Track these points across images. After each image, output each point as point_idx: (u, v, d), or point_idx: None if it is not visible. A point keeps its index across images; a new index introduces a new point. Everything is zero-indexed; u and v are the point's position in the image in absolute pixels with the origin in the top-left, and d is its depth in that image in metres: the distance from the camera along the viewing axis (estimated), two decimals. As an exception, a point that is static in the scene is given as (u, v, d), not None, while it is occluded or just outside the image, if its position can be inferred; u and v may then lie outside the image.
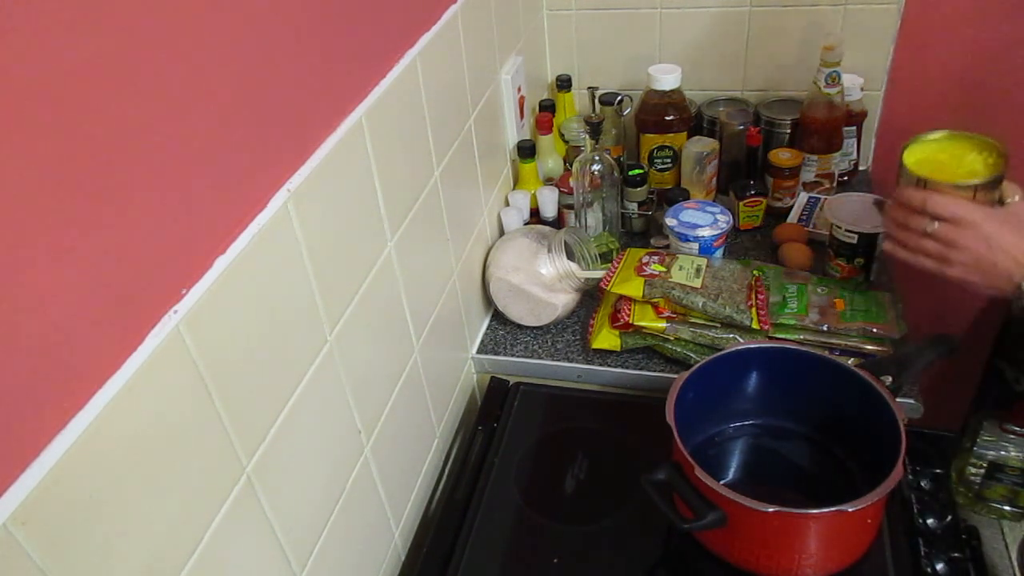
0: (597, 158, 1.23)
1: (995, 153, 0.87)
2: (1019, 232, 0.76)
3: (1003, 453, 1.61)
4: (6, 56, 0.40)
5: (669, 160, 1.41)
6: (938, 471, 0.97)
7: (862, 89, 1.38)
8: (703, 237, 1.19)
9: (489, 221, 1.24)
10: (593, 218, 1.30)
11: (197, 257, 0.56)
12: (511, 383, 1.17)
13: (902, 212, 0.85)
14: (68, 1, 0.43)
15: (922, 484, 0.95)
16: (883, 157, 1.49)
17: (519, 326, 1.22)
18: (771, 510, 0.76)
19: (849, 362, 0.93)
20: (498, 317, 1.25)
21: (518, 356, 1.18)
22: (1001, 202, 0.83)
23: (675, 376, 0.92)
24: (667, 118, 1.37)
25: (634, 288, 1.09)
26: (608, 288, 1.11)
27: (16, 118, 0.41)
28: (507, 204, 1.31)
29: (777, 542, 0.81)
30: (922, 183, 0.84)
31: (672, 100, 1.36)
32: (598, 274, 1.16)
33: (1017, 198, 0.82)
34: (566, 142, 1.43)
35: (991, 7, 1.30)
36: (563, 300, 1.18)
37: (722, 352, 0.96)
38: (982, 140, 0.89)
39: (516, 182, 1.37)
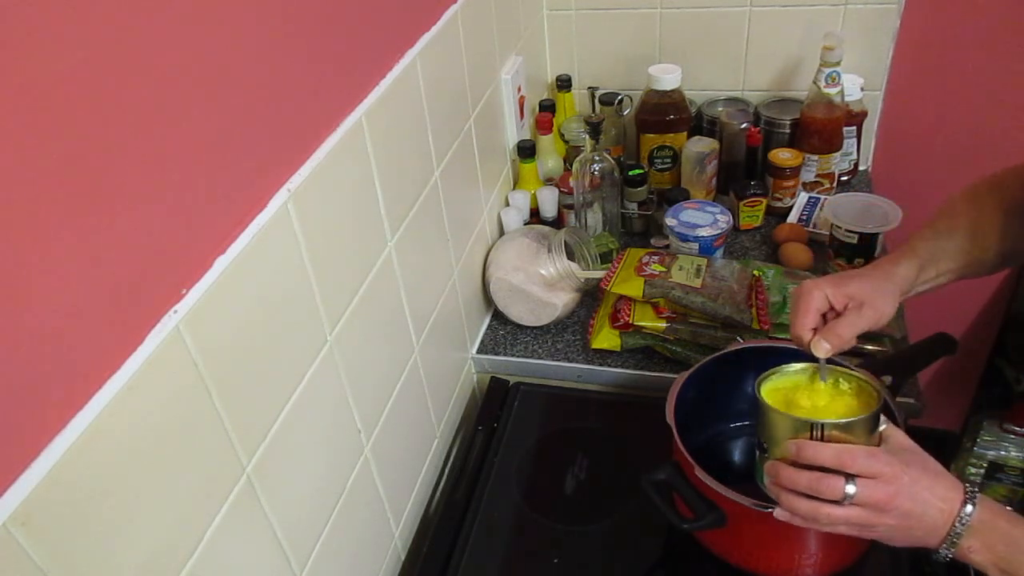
0: (597, 158, 1.23)
1: (837, 377, 0.73)
2: (930, 474, 0.65)
3: (1003, 453, 1.61)
4: (7, 56, 0.40)
5: (669, 160, 1.41)
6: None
7: (862, 89, 1.38)
8: (703, 237, 1.19)
9: (489, 221, 1.24)
10: (593, 218, 1.30)
11: (197, 257, 0.56)
12: (511, 383, 1.17)
13: (806, 475, 0.66)
14: (69, 2, 0.43)
15: (922, 484, 0.94)
16: (883, 157, 1.49)
17: (519, 326, 1.22)
18: (771, 510, 0.76)
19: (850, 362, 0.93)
20: (498, 317, 1.25)
21: (518, 356, 1.18)
22: (880, 436, 0.69)
23: (675, 376, 0.92)
24: (667, 118, 1.37)
25: (634, 288, 1.09)
26: (608, 288, 1.11)
27: (17, 118, 0.41)
28: (507, 204, 1.31)
29: (777, 542, 0.81)
30: (818, 429, 0.66)
31: (672, 100, 1.36)
32: (598, 274, 1.16)
33: (886, 425, 0.69)
34: (566, 142, 1.43)
35: (991, 6, 1.30)
36: (563, 300, 1.18)
37: (722, 352, 0.96)
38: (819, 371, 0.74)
39: (516, 182, 1.37)
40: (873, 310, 0.74)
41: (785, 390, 0.74)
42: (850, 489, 0.64)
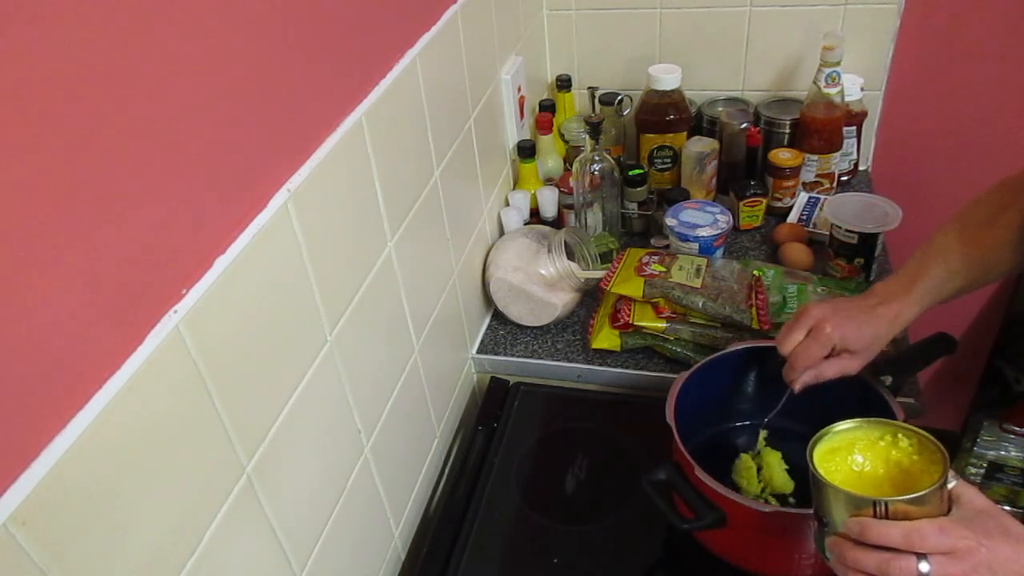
0: (597, 158, 1.23)
1: (887, 434, 0.68)
2: (1010, 541, 0.60)
3: (1003, 453, 1.61)
4: (7, 56, 0.40)
5: (669, 160, 1.41)
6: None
7: (862, 89, 1.38)
8: (703, 237, 1.19)
9: (489, 221, 1.24)
10: (593, 218, 1.30)
11: (197, 257, 0.56)
12: (511, 383, 1.17)
13: (873, 557, 0.60)
14: (69, 2, 0.43)
15: (922, 484, 0.95)
16: (883, 157, 1.49)
17: (519, 326, 1.22)
18: (771, 510, 0.76)
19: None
20: (498, 317, 1.25)
21: (518, 356, 1.18)
22: (950, 496, 0.63)
23: (675, 376, 0.92)
24: (667, 118, 1.37)
25: (634, 288, 1.09)
26: (608, 288, 1.11)
27: (17, 119, 0.41)
28: (507, 204, 1.31)
29: (777, 542, 0.81)
30: (881, 507, 0.61)
31: (672, 100, 1.36)
32: (598, 274, 1.16)
33: (955, 482, 0.63)
34: (566, 142, 1.43)
35: (991, 6, 1.30)
36: (563, 300, 1.18)
37: (722, 352, 0.96)
38: (870, 429, 0.69)
39: (516, 182, 1.37)
40: (860, 361, 0.84)
41: (840, 451, 0.68)
42: (923, 568, 0.58)
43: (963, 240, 0.83)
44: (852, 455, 0.68)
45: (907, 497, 0.60)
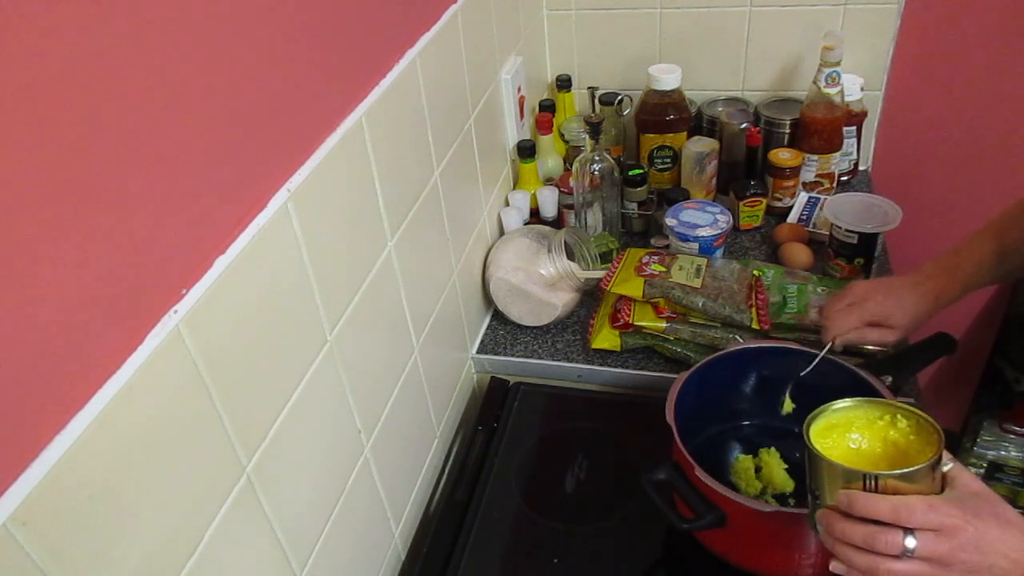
0: (597, 158, 1.23)
1: (887, 414, 0.68)
2: (999, 523, 0.60)
3: (1003, 453, 1.61)
4: (7, 56, 0.40)
5: (669, 160, 1.41)
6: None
7: (862, 89, 1.38)
8: (703, 237, 1.19)
9: (489, 221, 1.24)
10: (593, 218, 1.30)
11: (197, 257, 0.56)
12: (511, 383, 1.17)
13: (860, 530, 0.61)
14: (69, 2, 0.43)
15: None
16: (883, 157, 1.49)
17: (519, 326, 1.22)
18: (771, 510, 0.76)
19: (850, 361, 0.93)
20: (498, 317, 1.25)
21: (518, 356, 1.18)
22: (944, 477, 0.63)
23: (675, 376, 0.92)
24: (667, 118, 1.37)
25: (634, 288, 1.10)
26: (608, 288, 1.12)
27: (17, 118, 0.41)
28: (507, 204, 1.31)
29: (777, 542, 0.81)
30: (871, 480, 0.61)
31: (672, 100, 1.36)
32: (598, 274, 1.16)
33: (952, 465, 0.63)
34: (566, 142, 1.43)
35: (990, 6, 1.30)
36: (563, 300, 1.18)
37: (722, 352, 0.96)
38: (868, 409, 0.69)
39: (516, 182, 1.37)
40: (899, 334, 0.88)
41: (838, 428, 0.69)
42: (909, 543, 0.59)
43: (1002, 229, 0.88)
44: (850, 433, 0.68)
45: (898, 472, 0.61)
